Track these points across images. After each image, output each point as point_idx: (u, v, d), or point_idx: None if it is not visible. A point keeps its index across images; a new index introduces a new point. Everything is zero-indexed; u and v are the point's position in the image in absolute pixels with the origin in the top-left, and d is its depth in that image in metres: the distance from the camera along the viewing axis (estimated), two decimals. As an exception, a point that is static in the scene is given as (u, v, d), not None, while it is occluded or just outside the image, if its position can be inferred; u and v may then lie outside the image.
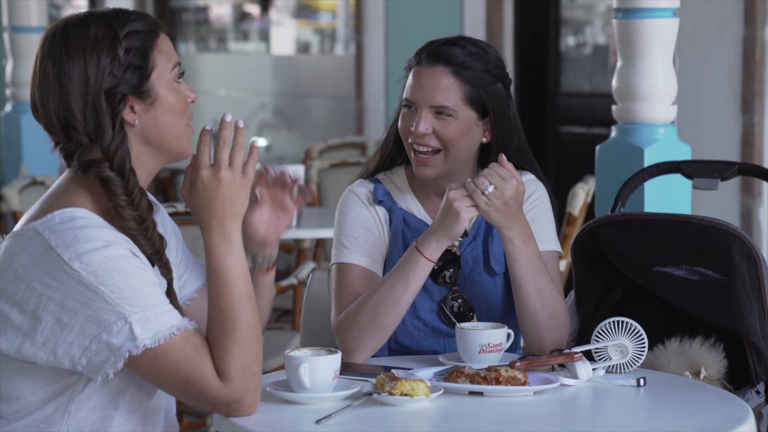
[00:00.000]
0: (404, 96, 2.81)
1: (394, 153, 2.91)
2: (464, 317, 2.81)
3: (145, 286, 2.18)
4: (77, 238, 2.16)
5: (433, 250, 2.66)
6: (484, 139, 2.82)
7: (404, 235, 2.83)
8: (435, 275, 2.80)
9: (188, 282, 2.50)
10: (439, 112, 2.76)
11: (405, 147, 2.83)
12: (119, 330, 2.14)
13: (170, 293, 2.29)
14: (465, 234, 2.83)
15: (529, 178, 2.88)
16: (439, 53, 2.77)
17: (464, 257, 2.83)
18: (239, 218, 2.24)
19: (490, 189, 2.61)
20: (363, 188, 2.87)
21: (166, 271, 2.28)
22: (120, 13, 2.27)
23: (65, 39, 2.23)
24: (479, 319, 2.82)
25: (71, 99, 2.22)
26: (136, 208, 2.23)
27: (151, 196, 2.42)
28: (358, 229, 2.82)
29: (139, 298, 2.16)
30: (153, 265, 2.27)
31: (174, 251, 2.46)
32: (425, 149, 2.78)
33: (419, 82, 2.78)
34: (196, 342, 2.20)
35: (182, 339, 2.18)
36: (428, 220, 2.85)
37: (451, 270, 2.82)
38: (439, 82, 2.76)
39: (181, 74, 2.32)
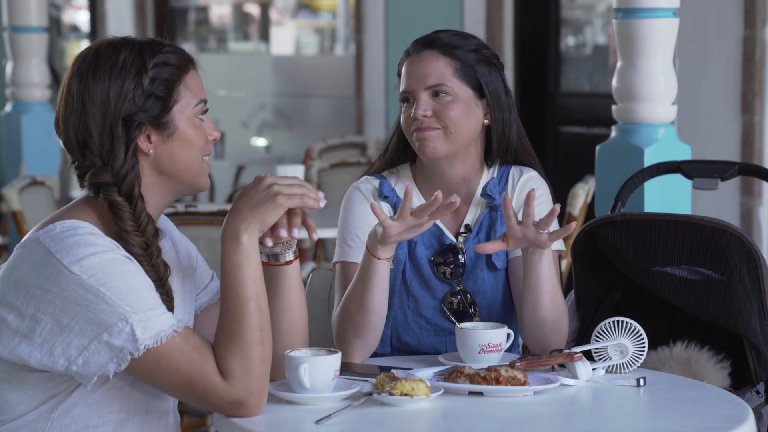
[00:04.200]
0: (401, 90, 2.83)
1: (398, 153, 2.92)
2: (465, 314, 2.81)
3: (145, 288, 2.19)
4: (77, 244, 2.17)
5: (383, 251, 2.65)
6: (486, 121, 2.84)
7: None
8: (438, 272, 2.81)
9: (208, 291, 2.52)
10: (436, 93, 2.78)
11: (409, 140, 2.83)
12: (120, 331, 2.15)
13: None
14: (469, 229, 2.84)
15: (531, 175, 2.88)
16: (425, 41, 2.83)
17: (468, 253, 2.83)
18: (257, 225, 2.23)
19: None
20: (368, 184, 2.88)
21: (167, 298, 2.28)
22: (154, 44, 2.29)
23: (95, 60, 2.26)
24: (481, 316, 2.82)
25: (90, 120, 2.24)
26: (142, 234, 2.25)
27: (164, 218, 2.44)
28: (362, 227, 2.82)
29: (140, 300, 2.16)
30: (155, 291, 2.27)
31: (186, 268, 2.46)
32: (427, 129, 2.78)
33: (411, 71, 2.81)
34: (196, 342, 2.20)
35: (182, 338, 2.19)
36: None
37: (452, 267, 2.82)
38: (430, 64, 2.79)
39: (205, 111, 2.34)
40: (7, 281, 2.21)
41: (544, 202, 2.86)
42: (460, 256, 2.82)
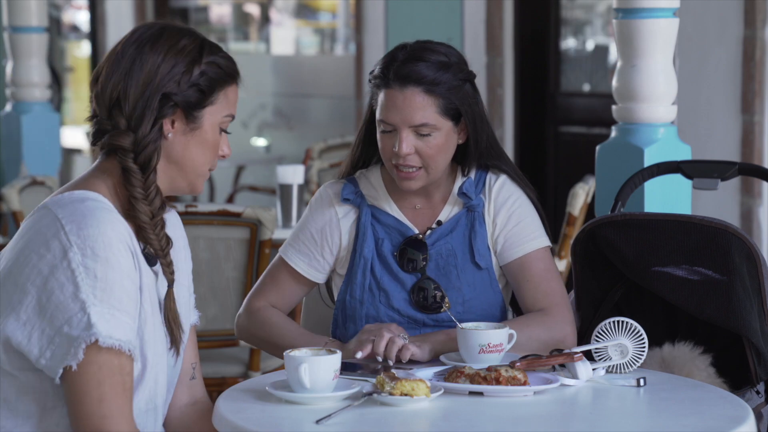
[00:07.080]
0: (379, 117, 2.82)
1: (364, 156, 2.95)
2: (432, 306, 2.82)
3: (117, 286, 2.19)
4: (83, 214, 2.20)
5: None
6: (460, 141, 2.86)
7: (374, 229, 2.87)
8: (402, 263, 2.83)
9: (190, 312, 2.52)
10: (420, 130, 2.78)
11: (387, 166, 2.85)
12: (78, 321, 2.16)
13: (169, 295, 2.32)
14: (439, 223, 2.86)
15: (500, 181, 2.89)
16: (407, 74, 2.78)
17: (437, 248, 2.84)
18: None
19: None
20: (331, 189, 2.93)
21: (168, 270, 2.32)
22: (213, 45, 2.37)
23: (158, 35, 2.32)
24: (457, 312, 2.81)
25: (132, 82, 2.29)
26: (150, 203, 2.29)
27: (174, 213, 2.46)
28: (318, 228, 2.89)
29: (106, 292, 2.17)
30: (156, 263, 2.31)
31: (184, 269, 2.47)
32: (409, 169, 2.80)
33: (394, 105, 2.79)
34: (128, 380, 2.20)
35: (119, 364, 2.19)
36: (401, 216, 2.88)
37: (414, 261, 2.84)
38: (414, 103, 2.78)
39: (226, 131, 2.40)
40: (14, 248, 2.25)
41: (521, 206, 2.88)
42: (421, 249, 2.84)
